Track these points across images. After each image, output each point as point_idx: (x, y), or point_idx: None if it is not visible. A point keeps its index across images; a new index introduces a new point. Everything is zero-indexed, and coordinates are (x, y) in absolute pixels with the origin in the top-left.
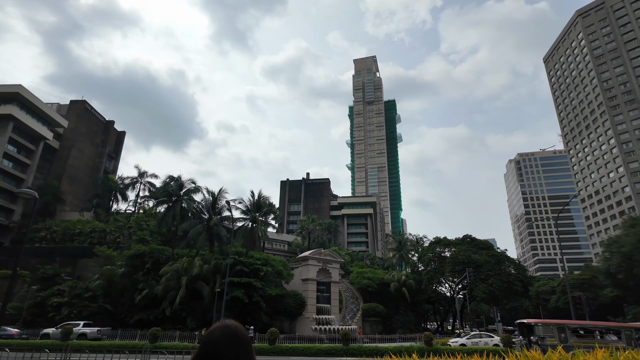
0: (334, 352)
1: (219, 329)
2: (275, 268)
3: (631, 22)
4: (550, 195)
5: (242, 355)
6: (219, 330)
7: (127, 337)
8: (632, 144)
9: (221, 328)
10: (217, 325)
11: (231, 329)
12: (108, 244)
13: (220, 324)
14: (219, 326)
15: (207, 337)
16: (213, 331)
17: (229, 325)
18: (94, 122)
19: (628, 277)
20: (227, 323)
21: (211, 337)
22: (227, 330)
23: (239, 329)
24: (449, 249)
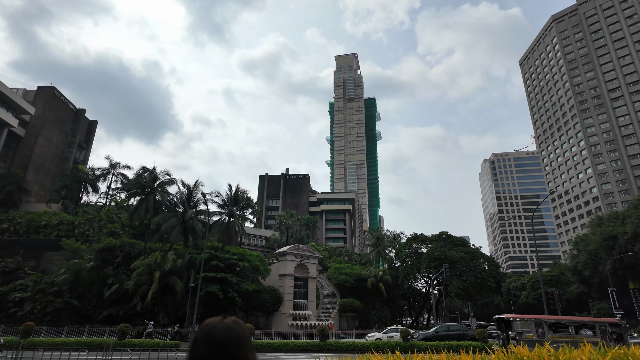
0: (310, 348)
1: (225, 327)
2: (252, 263)
3: (602, 29)
4: (522, 194)
5: (254, 356)
6: (224, 329)
7: (95, 333)
8: (600, 146)
9: (228, 327)
10: (221, 322)
11: (240, 327)
12: (76, 237)
13: (227, 321)
14: (225, 324)
15: (211, 336)
16: (216, 329)
17: (238, 323)
18: (64, 109)
19: (593, 274)
20: (234, 321)
21: (216, 336)
22: (236, 329)
23: (245, 327)
24: (426, 245)
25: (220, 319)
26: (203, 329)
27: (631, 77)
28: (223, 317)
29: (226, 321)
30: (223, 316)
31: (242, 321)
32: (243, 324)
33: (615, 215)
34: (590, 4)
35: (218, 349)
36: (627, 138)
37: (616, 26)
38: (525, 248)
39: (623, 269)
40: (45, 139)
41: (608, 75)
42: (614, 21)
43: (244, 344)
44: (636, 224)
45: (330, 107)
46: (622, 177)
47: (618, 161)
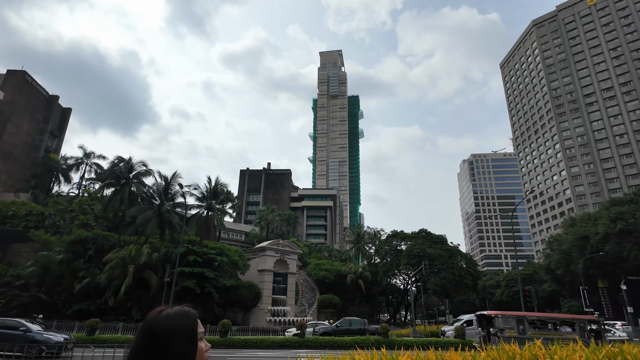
0: (289, 345)
1: (164, 318)
2: (231, 258)
3: (579, 35)
4: (499, 195)
5: (192, 351)
6: (163, 319)
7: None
8: (575, 150)
9: (167, 317)
10: (162, 311)
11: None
12: (46, 228)
13: (169, 311)
14: (165, 314)
15: (147, 326)
16: (155, 319)
17: (183, 314)
18: (35, 95)
19: (565, 272)
20: (178, 311)
21: (152, 327)
22: (176, 320)
23: (192, 318)
24: (405, 243)
25: (163, 309)
26: (145, 320)
27: (605, 84)
28: (167, 306)
29: (168, 311)
30: (167, 306)
31: (193, 312)
32: (190, 316)
33: (588, 216)
34: (569, 10)
35: (150, 340)
36: (600, 142)
37: (593, 33)
38: (501, 247)
39: (593, 268)
40: (15, 125)
41: (584, 80)
42: (591, 28)
43: (179, 335)
44: (607, 225)
45: (313, 104)
46: (594, 179)
47: (591, 164)
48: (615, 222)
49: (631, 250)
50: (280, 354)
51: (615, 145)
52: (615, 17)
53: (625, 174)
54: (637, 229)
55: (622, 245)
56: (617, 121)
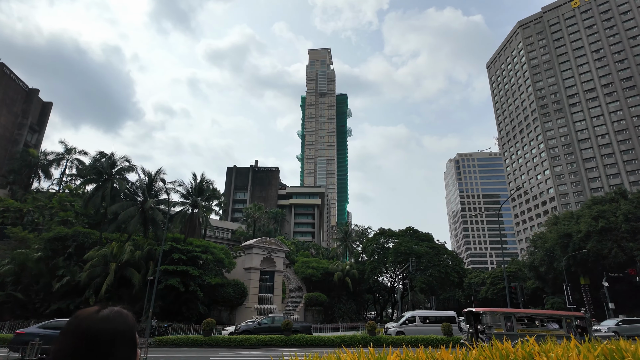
0: (274, 343)
1: (101, 319)
2: (216, 256)
3: (564, 37)
4: (484, 193)
5: (134, 356)
6: (100, 321)
7: None
8: (558, 149)
9: (105, 319)
10: (97, 312)
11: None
12: (24, 225)
13: (105, 312)
14: (102, 315)
15: (83, 328)
16: (91, 321)
17: (121, 315)
18: (14, 88)
19: (548, 270)
20: (116, 312)
21: (89, 329)
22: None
23: (130, 319)
24: (393, 240)
25: (97, 309)
26: (74, 320)
27: (588, 85)
28: (101, 306)
29: (105, 312)
30: (102, 306)
31: (129, 313)
32: (128, 317)
33: (571, 214)
34: (554, 12)
35: (88, 344)
36: (583, 142)
37: (577, 35)
38: (486, 245)
39: (576, 266)
40: None
41: (568, 81)
42: (574, 30)
43: (122, 340)
44: (589, 223)
45: (302, 101)
46: (577, 179)
47: (574, 164)
48: (597, 220)
49: (612, 247)
50: (264, 352)
51: (597, 146)
52: (598, 20)
53: (607, 173)
54: (617, 227)
55: (603, 243)
56: (599, 122)
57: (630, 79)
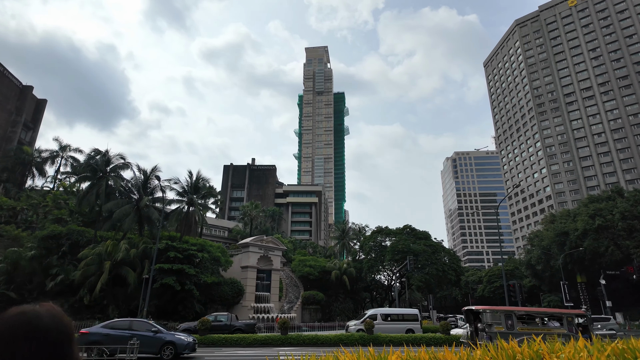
0: (270, 342)
1: (52, 318)
2: (213, 254)
3: (560, 36)
4: (481, 192)
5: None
6: (52, 319)
7: None
8: (555, 148)
9: (54, 317)
10: (45, 310)
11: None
12: (18, 223)
13: (51, 310)
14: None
15: (34, 328)
16: (41, 319)
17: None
18: (7, 85)
19: (545, 268)
20: (57, 310)
21: (47, 328)
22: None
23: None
24: (390, 238)
25: (36, 307)
26: (13, 319)
27: (585, 84)
28: (37, 304)
29: (50, 310)
30: (36, 303)
31: (60, 309)
32: (66, 318)
33: (567, 213)
34: (551, 11)
35: (46, 345)
36: (579, 141)
37: (573, 34)
38: (482, 244)
39: (572, 264)
40: None
41: (564, 80)
42: (571, 29)
43: (74, 339)
44: (586, 222)
45: (299, 100)
46: (573, 177)
47: (570, 162)
48: (593, 218)
49: (608, 245)
50: (261, 352)
51: (593, 144)
52: (594, 19)
53: (603, 172)
54: (614, 225)
55: (599, 241)
56: (596, 120)
57: (627, 77)
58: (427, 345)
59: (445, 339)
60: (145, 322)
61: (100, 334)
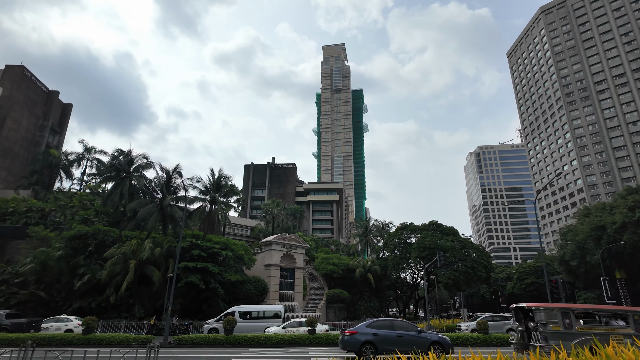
0: (298, 342)
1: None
2: (236, 252)
3: (589, 21)
4: (507, 187)
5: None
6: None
7: None
8: (586, 139)
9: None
10: None
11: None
12: (47, 224)
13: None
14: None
15: None
16: None
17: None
18: (34, 90)
19: (580, 264)
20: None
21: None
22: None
23: None
24: (415, 235)
25: None
26: None
27: (617, 70)
28: None
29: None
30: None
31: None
32: None
33: (603, 205)
34: None
35: None
36: (612, 130)
37: (603, 19)
38: (509, 240)
39: (610, 259)
40: (14, 121)
41: (595, 67)
42: (601, 14)
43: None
44: (624, 214)
45: (317, 98)
46: (607, 169)
47: (603, 153)
48: (633, 210)
49: None
50: (289, 352)
51: (628, 133)
52: (626, 1)
53: (639, 162)
54: None
55: None
56: (630, 108)
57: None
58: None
59: (484, 339)
60: (405, 322)
61: (369, 334)
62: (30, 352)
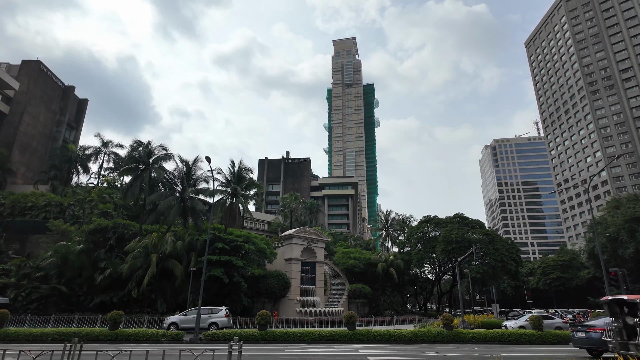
0: (337, 338)
1: None
2: (258, 246)
3: (614, 6)
4: (523, 181)
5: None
6: None
7: (86, 322)
8: (610, 129)
9: None
10: None
11: None
12: (65, 219)
13: None
14: None
15: None
16: None
17: None
18: (51, 85)
19: (612, 257)
20: None
21: None
22: None
23: None
24: (439, 228)
25: None
26: None
27: None
28: None
29: None
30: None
31: None
32: None
33: (635, 197)
34: None
35: None
36: (639, 120)
37: (628, 4)
38: (527, 234)
39: None
40: (32, 116)
41: (619, 55)
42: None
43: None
44: None
45: (327, 94)
46: (633, 160)
47: (629, 144)
48: None
49: None
50: (335, 350)
51: None
52: None
53: None
54: None
55: None
56: None
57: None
58: (517, 343)
59: (539, 336)
60: None
61: None
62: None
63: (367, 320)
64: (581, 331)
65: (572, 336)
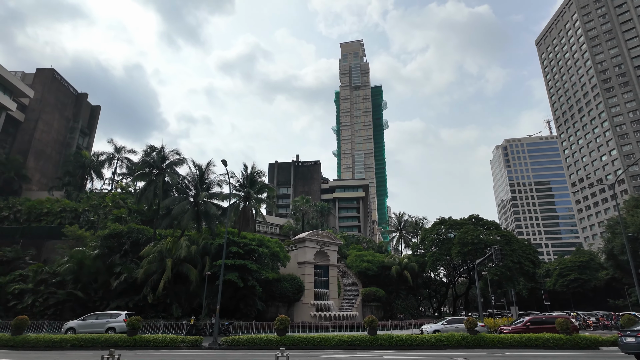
0: (358, 344)
1: None
2: (272, 250)
3: (627, 2)
4: (536, 181)
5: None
6: None
7: None
8: (626, 126)
9: None
10: None
11: None
12: (80, 224)
13: None
14: None
15: None
16: None
17: None
18: (64, 93)
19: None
20: None
21: None
22: None
23: None
24: (453, 230)
25: None
26: None
27: None
28: None
29: None
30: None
31: None
32: None
33: None
34: None
35: None
36: None
37: None
38: (540, 235)
39: None
40: (46, 123)
41: (634, 51)
42: None
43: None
44: None
45: (335, 97)
46: None
47: None
48: None
49: None
50: (360, 356)
51: None
52: None
53: None
54: None
55: None
56: None
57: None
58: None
59: (567, 341)
60: None
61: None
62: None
63: (384, 325)
64: (631, 336)
65: (619, 341)
